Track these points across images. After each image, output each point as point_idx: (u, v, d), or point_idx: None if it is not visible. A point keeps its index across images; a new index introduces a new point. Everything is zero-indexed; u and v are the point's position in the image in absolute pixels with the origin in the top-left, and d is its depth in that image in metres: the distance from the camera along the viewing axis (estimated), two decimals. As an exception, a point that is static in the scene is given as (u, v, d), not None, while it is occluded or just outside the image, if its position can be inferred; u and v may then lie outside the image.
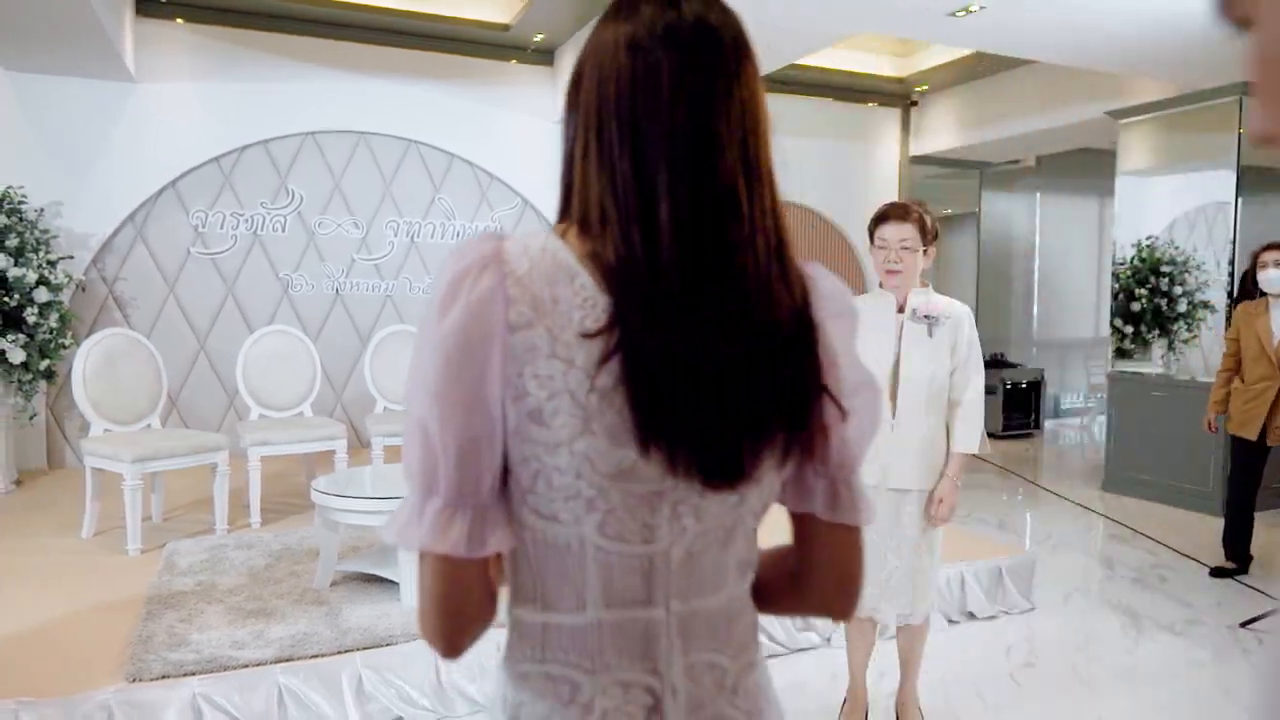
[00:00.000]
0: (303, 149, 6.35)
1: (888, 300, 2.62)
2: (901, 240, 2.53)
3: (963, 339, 2.59)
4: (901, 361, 2.57)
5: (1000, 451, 7.89)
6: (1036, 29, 4.62)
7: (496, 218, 6.93)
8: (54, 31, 4.80)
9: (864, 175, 8.34)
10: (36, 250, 5.15)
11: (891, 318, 2.61)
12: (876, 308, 2.63)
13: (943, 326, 2.56)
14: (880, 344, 2.59)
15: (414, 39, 6.51)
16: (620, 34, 0.81)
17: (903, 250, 2.53)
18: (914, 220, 2.54)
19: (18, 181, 5.41)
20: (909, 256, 2.53)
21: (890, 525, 2.61)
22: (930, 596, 2.68)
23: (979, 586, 3.85)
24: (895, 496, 2.60)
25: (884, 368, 2.58)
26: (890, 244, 2.54)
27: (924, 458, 2.59)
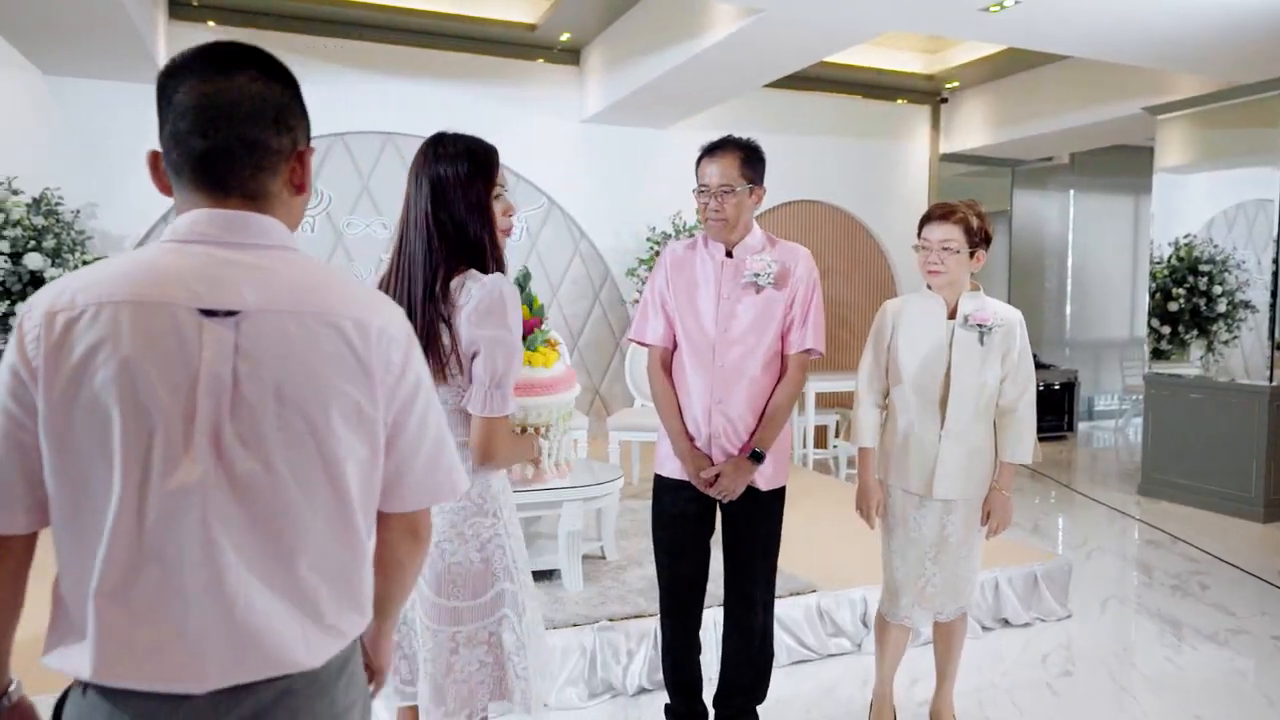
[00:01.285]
0: (331, 150, 6.38)
1: (936, 303, 2.53)
2: (943, 241, 2.45)
3: (1015, 347, 2.51)
4: (953, 370, 2.49)
5: (1032, 454, 7.76)
6: (1071, 24, 4.52)
7: (523, 218, 6.93)
8: (90, 35, 4.86)
9: (893, 174, 8.24)
10: (73, 251, 5.22)
11: (941, 322, 2.52)
12: (923, 309, 2.55)
13: (995, 334, 2.48)
14: (930, 350, 2.51)
15: (441, 39, 6.53)
16: None
17: (944, 251, 2.44)
18: (958, 221, 2.45)
19: (55, 183, 5.49)
20: (950, 258, 2.45)
21: (934, 535, 2.56)
22: (966, 595, 2.62)
23: (1013, 592, 3.78)
24: (940, 507, 2.54)
25: (934, 375, 2.50)
26: (932, 244, 2.47)
27: (971, 468, 2.53)
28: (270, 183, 1.07)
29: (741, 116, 7.44)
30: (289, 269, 1.05)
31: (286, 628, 1.00)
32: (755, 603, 2.54)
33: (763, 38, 4.83)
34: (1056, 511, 5.88)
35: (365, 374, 1.04)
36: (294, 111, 1.11)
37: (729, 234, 2.40)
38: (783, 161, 7.75)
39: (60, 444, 0.97)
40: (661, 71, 5.57)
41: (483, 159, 1.78)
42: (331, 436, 1.02)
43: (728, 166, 2.37)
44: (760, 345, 2.41)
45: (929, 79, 7.77)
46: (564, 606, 3.29)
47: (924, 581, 2.59)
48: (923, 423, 2.51)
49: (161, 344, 0.96)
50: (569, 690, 3.02)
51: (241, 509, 0.98)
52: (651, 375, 2.50)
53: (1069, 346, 9.54)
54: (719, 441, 2.42)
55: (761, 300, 2.40)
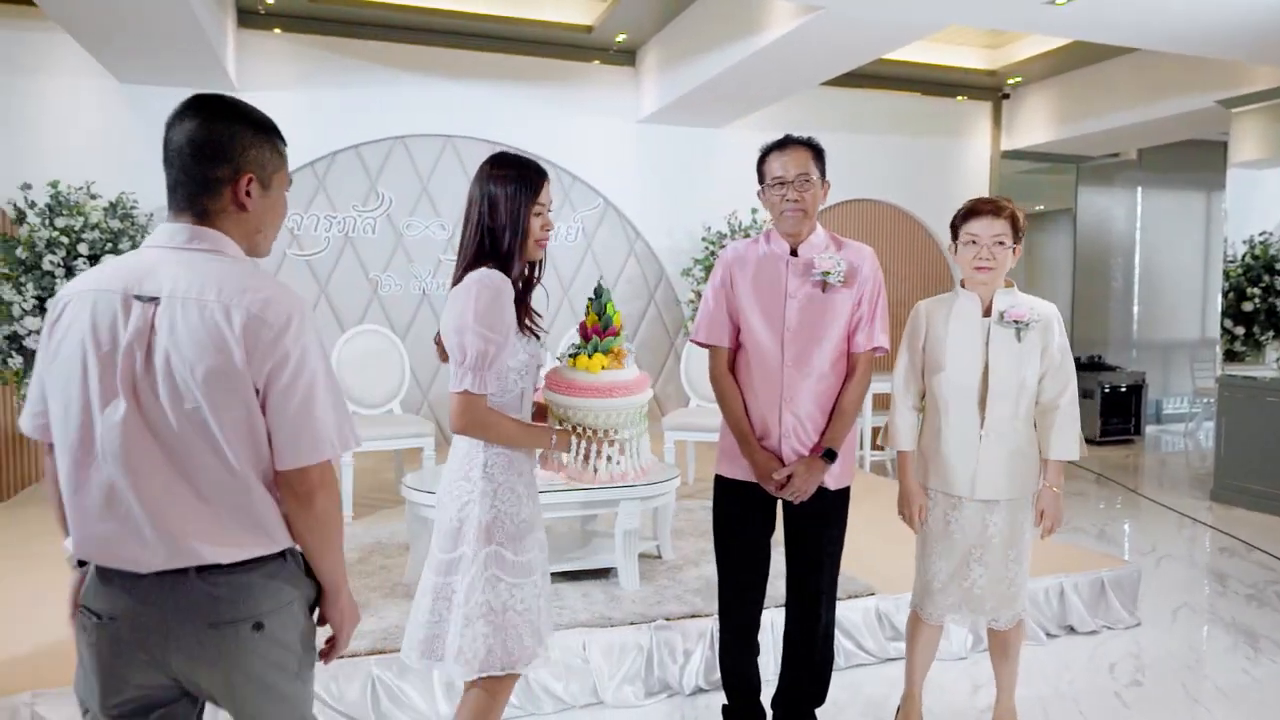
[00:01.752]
0: (392, 153, 6.51)
1: (971, 301, 2.51)
2: (995, 236, 2.42)
3: (1053, 342, 2.48)
4: (990, 368, 2.46)
5: (1098, 458, 7.57)
6: (1140, 15, 4.39)
7: (579, 218, 6.98)
8: (163, 44, 5.04)
9: (952, 171, 8.10)
10: (146, 253, 5.41)
11: (977, 321, 2.49)
12: (959, 310, 2.52)
13: (1032, 330, 2.45)
14: (966, 349, 2.49)
15: (499, 42, 6.61)
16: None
17: (996, 246, 2.42)
18: (1007, 216, 2.44)
19: (131, 187, 5.69)
20: (1001, 253, 2.43)
21: (977, 536, 2.53)
22: (1019, 602, 2.58)
23: (1079, 599, 3.69)
24: (981, 507, 2.51)
25: (972, 375, 2.47)
26: (983, 240, 2.43)
27: (1013, 467, 2.49)
28: (211, 203, 1.42)
29: (797, 115, 7.39)
30: (207, 266, 1.38)
31: (195, 530, 1.37)
32: (821, 604, 2.53)
33: (821, 35, 4.79)
34: (1123, 517, 5.71)
35: (237, 346, 1.34)
36: (237, 148, 1.42)
37: (804, 226, 2.40)
38: (840, 160, 7.62)
39: (49, 386, 1.41)
40: (718, 70, 5.56)
41: (528, 182, 2.01)
42: (202, 393, 1.35)
43: (802, 158, 2.39)
44: (829, 343, 2.41)
45: (990, 74, 7.62)
46: (620, 605, 3.30)
47: (969, 583, 2.55)
48: (962, 423, 2.49)
49: (102, 319, 1.36)
50: (626, 688, 3.03)
51: (155, 443, 1.36)
52: (717, 377, 2.48)
53: (1136, 347, 9.26)
54: (789, 441, 2.42)
55: (829, 298, 2.40)
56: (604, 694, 3.01)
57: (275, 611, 1.44)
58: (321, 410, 1.41)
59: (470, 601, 1.95)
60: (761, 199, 2.47)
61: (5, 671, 2.71)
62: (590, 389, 2.05)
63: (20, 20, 5.54)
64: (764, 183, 2.43)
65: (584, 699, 3.00)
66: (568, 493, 3.42)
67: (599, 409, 2.04)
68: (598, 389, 2.04)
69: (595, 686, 3.01)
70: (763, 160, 2.44)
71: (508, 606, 1.97)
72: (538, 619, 2.03)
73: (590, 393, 2.04)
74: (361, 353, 5.24)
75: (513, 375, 2.02)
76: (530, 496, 2.06)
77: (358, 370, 5.17)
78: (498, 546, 1.98)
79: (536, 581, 2.04)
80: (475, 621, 1.94)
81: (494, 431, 1.98)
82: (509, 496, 2.00)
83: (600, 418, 2.04)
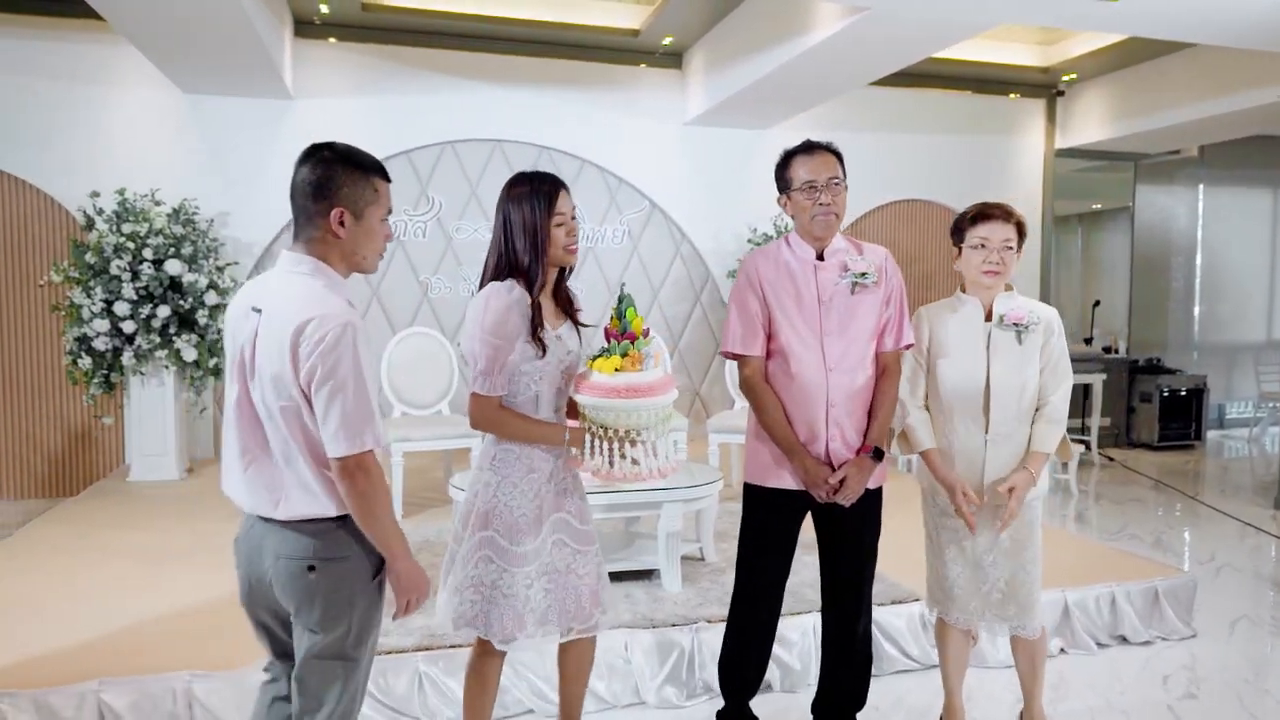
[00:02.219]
0: (442, 158, 6.63)
1: (972, 307, 2.53)
2: (1005, 240, 2.45)
3: (1053, 341, 2.50)
4: (992, 372, 2.48)
5: (1156, 463, 7.38)
6: (1199, 10, 4.27)
7: (625, 221, 7.02)
8: (224, 57, 5.21)
9: (1005, 171, 7.96)
10: (207, 257, 5.59)
11: (979, 325, 2.51)
12: (960, 315, 2.54)
13: (1032, 332, 2.48)
14: (968, 354, 2.51)
15: (546, 47, 6.68)
16: None
17: (1005, 251, 2.45)
18: (1016, 221, 2.48)
19: (192, 194, 5.90)
20: (1009, 257, 2.46)
21: (987, 540, 2.53)
22: (1038, 608, 2.57)
23: (1131, 608, 3.61)
24: (989, 510, 2.52)
25: (975, 379, 2.49)
26: (993, 244, 2.45)
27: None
28: (314, 233, 1.80)
29: (844, 115, 7.34)
30: (290, 287, 1.76)
31: (267, 489, 1.79)
32: (863, 604, 2.54)
33: (868, 36, 4.76)
34: (1182, 525, 5.56)
35: (288, 355, 1.69)
36: (332, 186, 1.77)
37: (834, 229, 2.43)
38: (889, 160, 7.60)
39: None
40: (764, 72, 5.56)
41: (542, 196, 2.17)
42: (270, 388, 1.72)
43: (830, 162, 2.42)
44: (864, 343, 2.44)
45: (1044, 71, 7.47)
46: (662, 606, 3.33)
47: (988, 588, 2.55)
48: (966, 429, 2.51)
49: (236, 323, 1.82)
50: (668, 689, 3.06)
51: (254, 420, 1.79)
52: (754, 386, 2.47)
53: (1197, 350, 9.00)
54: (835, 444, 2.42)
55: (859, 299, 2.43)
56: (645, 694, 3.03)
57: (327, 561, 1.78)
58: (344, 416, 1.69)
59: (462, 574, 2.19)
60: (784, 204, 2.47)
61: (74, 659, 2.84)
62: (602, 389, 2.11)
63: (91, 35, 5.76)
64: (790, 188, 2.43)
65: (626, 699, 3.04)
66: (608, 494, 3.45)
67: (611, 409, 2.10)
68: (610, 389, 2.10)
69: (637, 687, 3.05)
70: (786, 165, 2.46)
71: (495, 585, 2.17)
72: (523, 608, 2.17)
73: (602, 392, 2.11)
74: (412, 354, 5.34)
75: (525, 379, 2.17)
76: (538, 494, 2.20)
77: (408, 371, 5.28)
78: (493, 533, 2.18)
79: (530, 574, 2.18)
80: (465, 590, 2.19)
81: (504, 429, 2.18)
82: (510, 490, 2.19)
83: (613, 417, 2.10)
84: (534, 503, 2.20)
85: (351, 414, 1.69)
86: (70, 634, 3.06)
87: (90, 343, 5.29)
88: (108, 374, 5.39)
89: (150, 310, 5.28)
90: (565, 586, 2.23)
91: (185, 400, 5.72)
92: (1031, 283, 8.10)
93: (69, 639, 3.02)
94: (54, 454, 6.07)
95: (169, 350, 5.37)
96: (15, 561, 3.92)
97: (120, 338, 5.31)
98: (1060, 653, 3.49)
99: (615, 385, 2.11)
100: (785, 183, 2.45)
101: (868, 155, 7.51)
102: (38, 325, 5.95)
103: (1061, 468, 6.36)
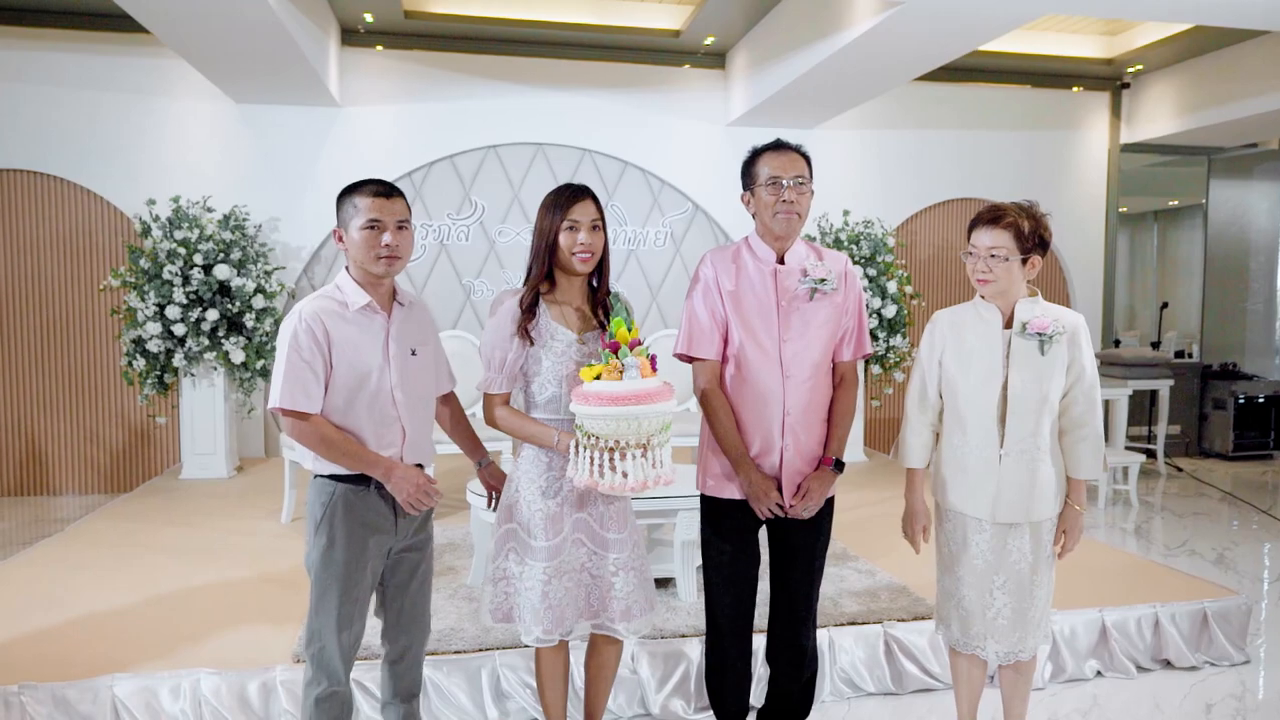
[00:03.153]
0: (485, 162, 6.68)
1: (990, 313, 2.38)
2: (991, 248, 2.30)
3: (1081, 355, 2.35)
4: (1010, 383, 2.34)
5: (1230, 474, 6.99)
6: (1267, -5, 4.02)
7: (668, 223, 6.97)
8: (267, 68, 5.35)
9: (1065, 168, 7.65)
10: (255, 262, 5.75)
11: (997, 333, 2.37)
12: (978, 321, 2.40)
13: (1056, 343, 2.32)
14: (985, 363, 2.37)
15: (588, 50, 6.68)
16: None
17: (991, 259, 2.30)
18: (1006, 226, 2.30)
19: (243, 201, 6.08)
20: (999, 266, 2.30)
21: (997, 561, 2.40)
22: (1040, 631, 2.44)
23: (1177, 631, 3.40)
24: (1002, 529, 2.39)
25: (991, 390, 2.35)
26: (979, 252, 2.32)
27: (1035, 489, 2.36)
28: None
29: (894, 113, 7.16)
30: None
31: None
32: (812, 617, 2.50)
33: (905, 30, 4.61)
34: (1251, 541, 5.24)
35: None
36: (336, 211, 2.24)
37: (794, 230, 2.36)
38: (941, 158, 7.38)
39: None
40: (803, 70, 5.44)
41: (558, 203, 2.26)
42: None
43: (797, 161, 2.34)
44: (821, 351, 2.37)
45: (1108, 63, 7.14)
46: (675, 616, 3.28)
47: (993, 613, 2.42)
48: (981, 442, 2.37)
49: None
50: (675, 701, 3.00)
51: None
52: (709, 393, 2.38)
53: (1278, 354, 8.49)
54: (790, 453, 2.34)
55: (819, 306, 2.36)
56: (651, 705, 2.99)
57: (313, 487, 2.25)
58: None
59: (492, 565, 2.34)
60: (747, 201, 2.40)
61: (94, 653, 2.94)
62: (579, 396, 2.11)
63: (151, 51, 5.99)
64: (755, 184, 2.35)
65: (631, 710, 2.99)
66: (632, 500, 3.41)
67: (588, 415, 2.08)
68: (584, 396, 2.10)
69: (643, 698, 3.00)
70: (753, 161, 2.38)
71: (520, 578, 2.28)
72: (541, 604, 2.24)
73: (580, 399, 2.11)
74: (452, 357, 5.34)
75: (539, 380, 2.28)
76: (559, 492, 2.28)
77: (444, 374, 5.32)
78: (515, 526, 2.31)
79: (550, 570, 2.25)
80: (498, 582, 2.33)
81: (506, 426, 2.31)
82: (529, 486, 2.31)
83: (594, 425, 2.08)
84: (554, 500, 2.27)
85: (276, 380, 2.12)
86: (95, 629, 3.17)
87: (144, 345, 5.49)
88: (161, 375, 5.59)
89: (200, 313, 5.46)
90: (580, 585, 2.30)
91: (234, 401, 5.89)
92: (1094, 286, 7.76)
93: (93, 634, 3.12)
94: (116, 451, 6.32)
95: (218, 352, 5.54)
96: (58, 555, 4.09)
97: (172, 340, 5.49)
98: (1096, 675, 3.32)
99: (588, 393, 2.09)
100: (750, 178, 2.38)
101: (919, 153, 7.31)
102: (100, 328, 6.21)
103: (1121, 476, 6.08)
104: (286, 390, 2.10)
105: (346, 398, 2.16)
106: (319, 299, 2.17)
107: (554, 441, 2.24)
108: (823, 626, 3.18)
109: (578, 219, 2.23)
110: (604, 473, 2.10)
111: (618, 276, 6.88)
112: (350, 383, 2.16)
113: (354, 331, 2.17)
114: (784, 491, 2.35)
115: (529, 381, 2.30)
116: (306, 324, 2.11)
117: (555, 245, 2.24)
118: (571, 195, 2.26)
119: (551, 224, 2.24)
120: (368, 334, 2.19)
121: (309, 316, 2.13)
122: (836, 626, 3.22)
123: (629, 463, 2.09)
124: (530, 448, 2.31)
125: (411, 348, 2.28)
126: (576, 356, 2.25)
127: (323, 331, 2.12)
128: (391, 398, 2.21)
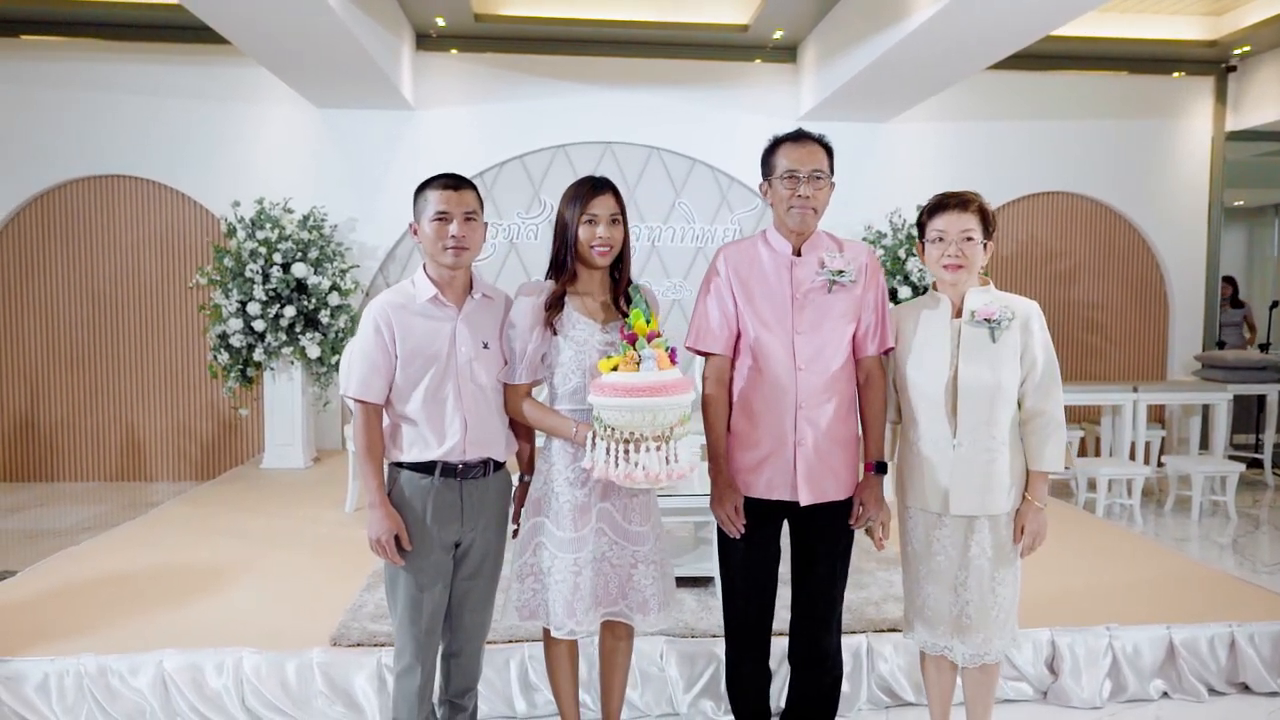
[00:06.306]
0: (554, 161, 6.76)
1: (940, 303, 2.31)
2: (963, 231, 2.25)
3: (1034, 342, 2.25)
4: (960, 372, 2.26)
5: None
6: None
7: (736, 220, 6.90)
8: (341, 75, 5.55)
9: (1164, 158, 7.20)
10: (331, 260, 5.97)
11: (946, 323, 2.29)
12: (926, 313, 2.33)
13: (1007, 330, 2.24)
14: (934, 354, 2.29)
15: (656, 48, 6.67)
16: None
17: (966, 243, 2.24)
18: (976, 210, 2.26)
19: (322, 201, 6.33)
20: (971, 249, 2.25)
21: (959, 556, 2.30)
22: (1008, 632, 2.33)
23: (1256, 653, 3.15)
24: (962, 524, 2.30)
25: (940, 380, 2.27)
26: (950, 235, 2.25)
27: (991, 480, 2.27)
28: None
29: (972, 102, 6.90)
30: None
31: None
32: (837, 618, 2.43)
33: (968, 17, 4.42)
34: (1362, 560, 4.81)
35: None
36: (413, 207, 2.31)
37: (810, 224, 2.29)
38: (1026, 150, 7.06)
39: None
40: (868, 61, 5.30)
41: (577, 197, 2.28)
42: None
43: (817, 154, 2.27)
44: (838, 346, 2.28)
45: (1211, 45, 6.68)
46: (710, 615, 3.22)
47: (958, 611, 2.32)
48: (933, 434, 2.29)
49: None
50: (704, 702, 2.96)
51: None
52: (712, 389, 2.34)
53: None
54: (803, 449, 2.26)
55: (834, 299, 2.28)
56: (679, 705, 2.95)
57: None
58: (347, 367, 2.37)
59: (519, 560, 2.34)
60: (764, 191, 2.34)
61: (144, 629, 3.10)
62: (595, 387, 2.12)
63: (235, 59, 6.29)
64: (772, 175, 2.29)
65: (659, 709, 2.96)
66: (668, 497, 3.38)
67: (603, 406, 2.08)
68: (599, 387, 2.10)
69: (671, 697, 2.97)
70: (772, 151, 2.31)
71: (549, 571, 2.29)
72: (572, 595, 2.26)
73: (596, 390, 2.11)
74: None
75: (561, 370, 2.28)
76: (585, 483, 2.27)
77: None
78: (544, 518, 2.31)
79: (580, 561, 2.26)
80: (526, 578, 2.33)
81: (528, 417, 2.32)
82: (557, 478, 2.31)
83: (609, 416, 2.07)
84: (582, 490, 2.27)
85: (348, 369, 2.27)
86: (150, 604, 3.34)
87: (228, 340, 5.78)
88: (244, 369, 5.86)
89: (278, 310, 5.70)
90: (600, 573, 2.30)
91: (312, 395, 6.13)
92: (1195, 285, 7.28)
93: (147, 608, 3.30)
94: (205, 441, 6.67)
95: (295, 347, 5.77)
96: (138, 536, 4.34)
97: (252, 335, 5.76)
98: (1162, 696, 3.10)
99: (604, 384, 2.09)
100: (769, 169, 2.32)
101: (1002, 145, 7.01)
102: (191, 324, 6.56)
103: (1219, 487, 5.68)
104: (346, 378, 2.28)
105: (408, 387, 2.23)
106: (390, 293, 2.27)
107: (573, 433, 2.24)
108: (862, 632, 3.09)
109: (597, 213, 2.24)
110: (619, 464, 2.08)
111: (685, 273, 6.85)
112: (412, 373, 2.22)
113: (419, 323, 2.23)
114: (799, 490, 2.28)
115: (552, 373, 2.31)
116: (373, 317, 2.22)
117: (575, 238, 2.26)
118: (591, 189, 2.26)
119: (571, 217, 2.26)
120: (434, 326, 2.23)
121: (376, 310, 2.23)
122: (876, 633, 3.11)
123: (644, 455, 2.07)
124: (551, 439, 2.33)
125: (484, 340, 2.28)
126: (599, 346, 2.25)
127: (387, 323, 2.21)
128: (453, 389, 2.23)
